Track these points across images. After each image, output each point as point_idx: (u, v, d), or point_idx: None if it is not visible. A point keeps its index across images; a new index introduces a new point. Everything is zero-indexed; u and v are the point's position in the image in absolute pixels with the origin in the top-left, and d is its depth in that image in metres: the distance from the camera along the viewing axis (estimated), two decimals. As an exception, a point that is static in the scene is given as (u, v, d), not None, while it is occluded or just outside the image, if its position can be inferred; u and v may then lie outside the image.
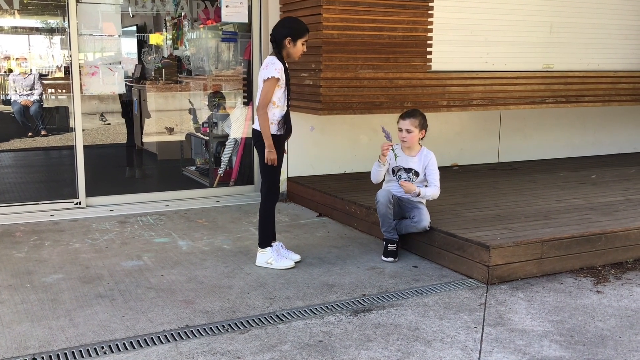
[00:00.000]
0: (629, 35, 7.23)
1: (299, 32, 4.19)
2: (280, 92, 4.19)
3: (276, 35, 4.18)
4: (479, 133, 7.31)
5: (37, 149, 8.25)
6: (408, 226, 4.54)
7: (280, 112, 4.22)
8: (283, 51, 4.19)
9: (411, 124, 4.46)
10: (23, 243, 4.87)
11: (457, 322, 3.47)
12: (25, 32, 7.52)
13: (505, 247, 4.06)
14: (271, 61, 4.15)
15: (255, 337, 3.24)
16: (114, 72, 5.90)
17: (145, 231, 5.22)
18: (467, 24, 6.31)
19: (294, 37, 4.16)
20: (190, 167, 7.31)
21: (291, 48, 4.18)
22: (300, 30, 4.20)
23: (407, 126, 4.46)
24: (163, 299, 3.74)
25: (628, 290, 3.96)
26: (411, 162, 4.55)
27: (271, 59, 4.17)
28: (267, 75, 4.11)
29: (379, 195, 4.47)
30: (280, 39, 4.16)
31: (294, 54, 4.21)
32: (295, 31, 4.18)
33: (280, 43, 4.16)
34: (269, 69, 4.12)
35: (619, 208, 5.06)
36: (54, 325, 3.35)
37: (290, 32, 4.16)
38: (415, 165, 4.54)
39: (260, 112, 4.15)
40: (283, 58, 4.19)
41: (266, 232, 4.35)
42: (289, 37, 4.15)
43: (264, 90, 4.13)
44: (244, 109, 6.61)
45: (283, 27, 4.21)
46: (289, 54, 4.21)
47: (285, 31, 4.17)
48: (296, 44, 4.18)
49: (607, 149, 8.14)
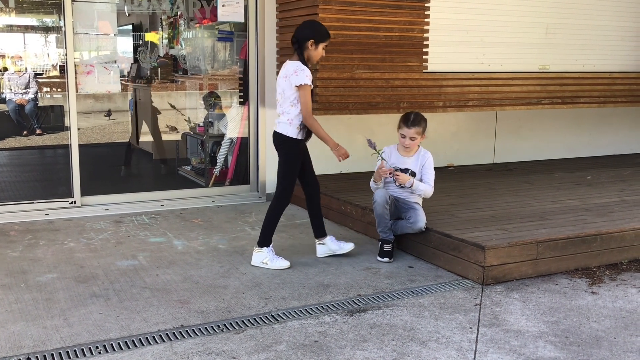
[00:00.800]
0: (624, 36, 7.25)
1: (322, 36, 4.22)
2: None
3: (299, 36, 4.19)
4: (475, 134, 7.32)
5: (32, 147, 8.22)
6: (404, 227, 4.54)
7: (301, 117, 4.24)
8: (305, 53, 4.20)
9: (416, 132, 4.46)
10: (17, 242, 4.85)
11: (453, 322, 3.47)
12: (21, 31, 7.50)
13: (501, 248, 4.07)
14: (300, 67, 4.16)
15: (250, 337, 3.24)
16: (110, 71, 5.88)
17: (141, 231, 5.21)
18: (463, 24, 6.32)
19: (317, 40, 4.19)
20: (186, 167, 7.30)
21: (312, 51, 4.20)
22: (323, 34, 4.23)
23: (412, 134, 4.46)
24: (158, 298, 3.73)
25: (623, 291, 3.97)
26: (407, 162, 4.55)
27: (298, 64, 4.17)
28: (300, 82, 4.12)
29: (377, 196, 4.47)
30: (303, 40, 4.17)
31: (314, 57, 4.24)
32: (319, 34, 4.20)
33: (303, 45, 4.18)
34: (299, 76, 4.13)
35: (614, 209, 5.07)
36: (48, 325, 3.34)
37: (314, 35, 4.18)
38: (412, 165, 4.55)
39: (310, 120, 4.20)
40: (305, 61, 4.21)
41: (269, 233, 4.36)
42: (312, 39, 4.17)
43: (304, 98, 4.15)
44: (240, 108, 6.61)
45: (307, 29, 4.23)
46: (309, 57, 4.22)
47: (309, 33, 4.19)
48: (317, 48, 4.21)
49: (603, 150, 8.16)
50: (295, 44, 4.20)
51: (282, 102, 4.25)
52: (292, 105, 4.20)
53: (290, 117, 4.22)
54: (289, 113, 4.22)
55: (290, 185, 4.33)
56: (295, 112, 4.20)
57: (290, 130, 4.23)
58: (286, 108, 4.23)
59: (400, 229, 4.57)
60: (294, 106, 4.20)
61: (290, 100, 4.20)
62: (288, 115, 4.23)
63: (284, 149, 4.29)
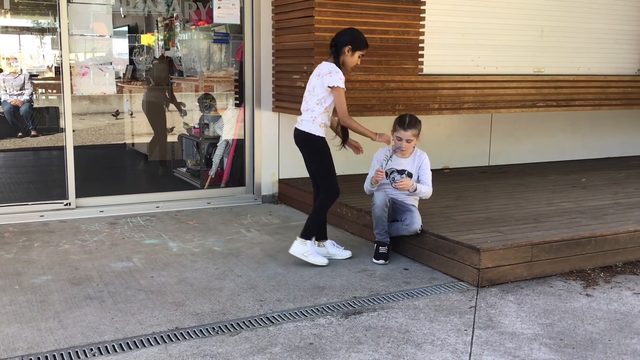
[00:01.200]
0: (618, 39, 7.27)
1: (360, 45, 4.32)
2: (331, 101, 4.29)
3: (338, 40, 4.29)
4: (470, 136, 7.33)
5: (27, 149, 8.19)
6: (399, 229, 4.54)
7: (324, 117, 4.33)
8: (341, 57, 4.28)
9: (412, 135, 4.49)
10: (12, 244, 4.84)
11: (448, 324, 3.47)
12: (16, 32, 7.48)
13: (496, 250, 4.08)
14: (335, 69, 4.24)
15: (245, 340, 3.23)
16: (105, 72, 5.87)
17: (136, 232, 5.20)
18: (459, 27, 6.33)
19: (354, 48, 4.29)
20: (182, 169, 7.29)
21: (348, 57, 4.29)
22: (361, 42, 4.33)
23: (408, 137, 4.49)
24: (153, 300, 3.72)
25: (617, 294, 3.98)
26: (404, 163, 4.56)
27: (333, 66, 4.25)
28: (333, 84, 4.21)
29: (376, 199, 4.48)
30: (341, 45, 4.26)
31: (349, 63, 4.32)
32: (357, 42, 4.30)
33: (340, 49, 4.27)
34: (333, 77, 4.21)
35: (608, 212, 5.09)
36: (42, 327, 3.33)
37: (352, 42, 4.28)
38: (408, 166, 4.56)
39: (347, 121, 4.30)
40: (340, 66, 4.28)
41: (315, 226, 4.43)
42: (349, 45, 4.27)
43: (339, 99, 4.24)
44: (235, 110, 6.60)
45: (346, 35, 4.32)
46: (344, 63, 4.31)
47: (348, 39, 4.29)
48: (354, 55, 4.31)
49: (597, 153, 8.18)
50: (333, 47, 4.30)
51: (309, 99, 4.33)
52: (318, 103, 4.29)
53: (314, 115, 4.31)
54: (313, 111, 4.31)
55: (335, 180, 4.40)
56: (319, 110, 4.29)
57: (313, 128, 4.30)
58: (312, 105, 4.31)
59: (395, 231, 4.57)
60: (320, 104, 4.28)
61: (318, 98, 4.28)
62: (312, 113, 4.31)
63: (311, 147, 4.37)
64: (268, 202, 6.36)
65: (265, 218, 5.76)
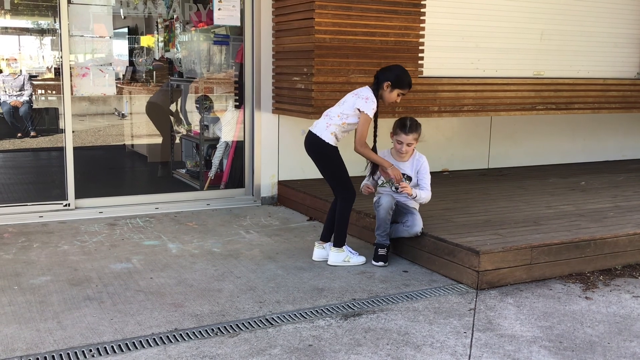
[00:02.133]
0: (618, 43, 7.28)
1: (400, 84, 4.37)
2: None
3: (380, 75, 4.38)
4: (470, 139, 7.34)
5: (26, 150, 8.20)
6: (400, 230, 4.55)
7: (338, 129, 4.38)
8: (380, 90, 4.36)
9: (413, 139, 4.51)
10: (11, 244, 4.83)
11: (447, 327, 3.47)
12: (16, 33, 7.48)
13: (495, 253, 4.07)
14: (372, 98, 4.32)
15: (244, 341, 3.23)
16: (105, 73, 5.88)
17: (135, 234, 5.20)
18: (459, 30, 6.34)
19: (393, 85, 4.34)
20: (181, 170, 7.29)
21: (386, 92, 4.36)
22: (403, 82, 4.38)
23: (409, 141, 4.50)
24: (152, 301, 3.72)
25: (617, 297, 3.98)
26: (403, 166, 4.56)
27: (372, 95, 4.33)
28: (364, 109, 4.27)
29: (383, 200, 4.48)
30: (382, 80, 4.35)
31: (386, 99, 4.40)
32: (398, 80, 4.35)
33: (380, 84, 4.34)
34: (368, 104, 4.28)
35: (607, 215, 5.09)
36: (41, 328, 3.33)
37: (393, 79, 4.34)
38: (407, 169, 4.56)
39: (360, 149, 4.35)
40: (378, 96, 4.35)
41: (344, 232, 4.49)
42: (389, 81, 4.34)
43: (361, 127, 4.30)
44: (235, 112, 6.61)
45: (389, 71, 4.40)
46: (382, 97, 4.38)
47: (389, 76, 4.36)
48: (392, 92, 4.36)
49: (597, 156, 8.19)
50: (375, 80, 4.38)
51: (335, 108, 4.40)
52: (339, 115, 4.36)
53: (330, 123, 4.36)
54: (331, 119, 4.37)
55: (349, 183, 4.44)
56: (338, 121, 4.35)
57: (325, 133, 4.34)
58: (333, 114, 4.38)
59: (396, 233, 4.58)
60: (341, 118, 4.35)
61: (343, 112, 4.36)
62: (330, 120, 4.37)
63: (320, 152, 4.41)
64: (267, 204, 6.36)
65: (265, 220, 5.76)
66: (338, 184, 4.46)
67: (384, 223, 4.49)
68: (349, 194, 4.44)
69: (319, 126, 4.39)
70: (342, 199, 4.46)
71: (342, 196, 4.46)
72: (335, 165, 4.42)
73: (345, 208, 4.47)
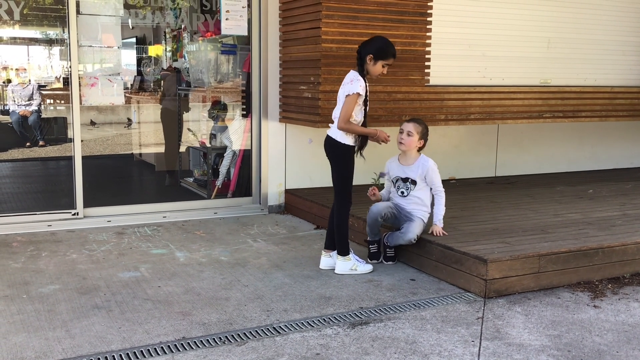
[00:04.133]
0: (626, 51, 7.28)
1: (383, 54, 4.31)
2: (358, 108, 4.30)
3: (361, 49, 4.32)
4: (477, 147, 7.33)
5: (35, 159, 8.25)
6: (396, 237, 4.62)
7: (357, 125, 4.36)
8: (364, 66, 4.31)
9: (413, 128, 4.53)
10: (20, 253, 4.86)
11: (455, 335, 3.46)
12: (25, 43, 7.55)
13: (503, 261, 4.07)
14: (356, 77, 4.27)
15: (252, 350, 3.23)
16: (114, 83, 5.92)
17: (143, 242, 5.22)
18: (465, 38, 6.35)
19: (376, 57, 4.29)
20: (189, 179, 7.32)
21: (370, 66, 4.30)
22: (384, 52, 4.31)
23: (408, 128, 4.53)
24: (160, 310, 3.73)
25: (625, 305, 3.96)
26: (408, 170, 4.59)
27: (355, 74, 4.29)
28: (351, 91, 4.23)
29: (374, 207, 4.62)
30: (364, 54, 4.29)
31: (372, 72, 4.34)
32: (379, 51, 4.30)
33: (364, 58, 4.29)
34: (353, 84, 4.24)
35: (615, 223, 5.07)
36: (50, 336, 3.34)
37: (374, 51, 4.29)
38: (412, 173, 4.58)
39: (344, 127, 4.27)
40: (364, 74, 4.30)
41: (346, 239, 4.49)
42: (371, 54, 4.28)
43: (345, 106, 4.25)
44: (242, 120, 6.63)
45: (369, 44, 4.34)
46: (368, 71, 4.33)
47: (370, 48, 4.30)
48: (376, 64, 4.30)
49: (604, 164, 8.16)
50: (357, 55, 4.33)
51: (338, 108, 4.37)
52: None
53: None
54: (337, 119, 4.36)
55: (349, 191, 4.44)
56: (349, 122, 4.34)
57: (340, 135, 4.33)
58: (337, 113, 4.37)
59: (392, 240, 4.66)
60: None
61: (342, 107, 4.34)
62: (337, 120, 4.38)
63: (333, 152, 4.40)
64: (274, 213, 6.37)
65: (272, 228, 5.77)
66: (342, 184, 4.42)
67: (373, 227, 4.65)
68: (346, 198, 4.43)
69: (332, 128, 4.39)
70: (339, 204, 4.44)
71: (339, 200, 4.44)
72: (347, 167, 4.38)
73: (342, 215, 4.45)
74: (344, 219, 4.46)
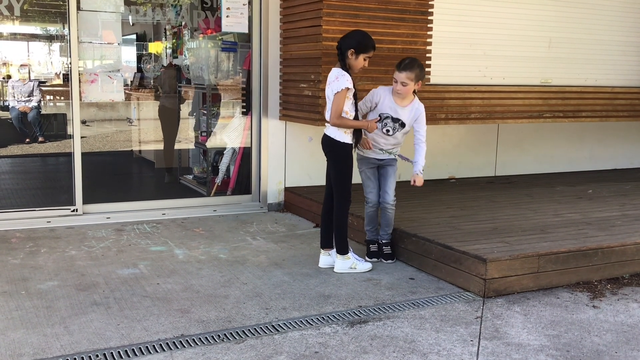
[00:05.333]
0: (626, 51, 7.27)
1: (363, 47, 4.27)
2: (350, 103, 4.29)
3: (342, 44, 4.28)
4: (477, 146, 7.33)
5: (35, 155, 8.24)
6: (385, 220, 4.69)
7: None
8: (346, 61, 4.28)
9: (407, 77, 4.40)
10: (19, 249, 4.85)
11: (454, 335, 3.46)
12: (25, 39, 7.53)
13: (502, 261, 4.06)
14: (340, 73, 4.25)
15: (250, 347, 3.23)
16: (114, 80, 5.91)
17: (142, 239, 5.21)
18: (466, 37, 6.34)
19: (357, 50, 4.25)
20: (188, 176, 7.31)
21: (352, 60, 4.27)
22: (365, 45, 4.28)
23: (402, 79, 4.42)
24: (158, 307, 3.73)
25: (624, 306, 3.96)
26: (401, 112, 4.51)
27: (339, 71, 4.27)
28: (339, 88, 4.20)
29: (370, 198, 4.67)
30: (345, 49, 4.26)
31: (354, 66, 4.30)
32: (360, 45, 4.26)
33: (344, 53, 4.26)
34: (339, 81, 4.21)
35: (615, 223, 5.07)
36: (48, 333, 3.34)
37: (355, 45, 4.25)
38: (405, 117, 4.52)
39: (337, 122, 4.26)
40: (347, 69, 4.28)
41: (344, 237, 4.48)
42: (352, 48, 4.25)
43: (335, 101, 4.23)
44: (242, 118, 6.63)
45: (349, 38, 4.30)
46: (350, 66, 4.30)
47: (351, 42, 4.27)
48: (358, 58, 4.27)
49: (604, 164, 8.16)
50: (338, 50, 4.29)
51: (328, 107, 4.35)
52: None
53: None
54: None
55: (349, 189, 4.43)
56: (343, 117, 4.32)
57: (338, 134, 4.33)
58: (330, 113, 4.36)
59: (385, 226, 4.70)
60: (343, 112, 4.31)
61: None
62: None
63: (332, 152, 4.40)
64: (274, 210, 6.37)
65: (271, 226, 5.76)
66: (341, 184, 4.40)
67: (372, 220, 4.68)
68: (345, 197, 4.43)
69: (331, 128, 4.38)
70: (338, 201, 4.43)
71: (338, 198, 4.42)
72: (345, 166, 4.38)
73: (341, 212, 4.44)
74: (343, 217, 4.45)
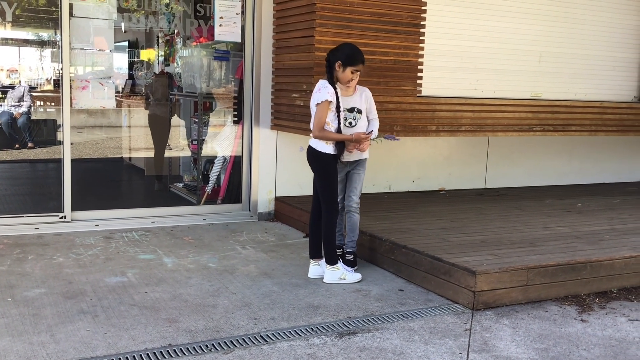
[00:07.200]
0: (616, 66, 7.33)
1: (350, 60, 4.31)
2: (332, 115, 4.33)
3: (330, 57, 4.33)
4: (467, 158, 7.36)
5: (24, 161, 8.19)
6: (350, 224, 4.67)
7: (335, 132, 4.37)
8: (334, 73, 4.32)
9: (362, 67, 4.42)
10: (6, 256, 4.81)
11: (442, 347, 3.46)
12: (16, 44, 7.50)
13: (492, 273, 4.07)
14: (323, 85, 4.32)
15: (239, 358, 3.21)
16: (105, 86, 5.89)
17: (131, 247, 5.18)
18: (458, 50, 6.38)
19: (344, 63, 4.30)
20: (178, 184, 7.28)
21: (339, 72, 4.32)
22: (353, 58, 4.32)
23: (361, 68, 4.40)
24: (146, 316, 3.70)
25: (612, 320, 3.97)
26: (351, 101, 4.50)
27: (323, 82, 4.34)
28: (320, 99, 4.27)
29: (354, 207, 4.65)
30: (333, 61, 4.31)
31: (341, 78, 4.35)
32: (348, 58, 4.31)
33: (332, 65, 4.31)
34: (321, 93, 4.28)
35: (604, 237, 5.10)
36: (34, 341, 3.30)
37: (343, 57, 4.30)
38: (357, 102, 4.51)
39: (318, 134, 4.32)
40: (334, 82, 4.32)
41: (333, 247, 4.49)
42: (339, 61, 4.30)
43: (317, 114, 4.29)
44: (233, 127, 6.62)
45: (338, 51, 4.35)
46: (338, 78, 4.34)
47: (338, 55, 4.32)
48: (345, 70, 4.31)
49: (593, 178, 8.21)
50: (327, 63, 4.35)
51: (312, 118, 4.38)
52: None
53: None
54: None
55: (335, 199, 4.46)
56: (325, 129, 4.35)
57: (320, 145, 4.36)
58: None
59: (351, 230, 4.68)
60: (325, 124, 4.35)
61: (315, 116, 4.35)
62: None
63: (315, 162, 4.44)
64: (264, 220, 6.35)
65: (261, 235, 5.75)
66: (328, 194, 4.43)
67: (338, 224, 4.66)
68: (333, 207, 4.44)
69: (313, 139, 4.42)
70: (326, 211, 4.45)
71: (326, 208, 4.44)
72: (329, 176, 4.41)
73: (329, 224, 4.46)
74: (331, 228, 4.46)
